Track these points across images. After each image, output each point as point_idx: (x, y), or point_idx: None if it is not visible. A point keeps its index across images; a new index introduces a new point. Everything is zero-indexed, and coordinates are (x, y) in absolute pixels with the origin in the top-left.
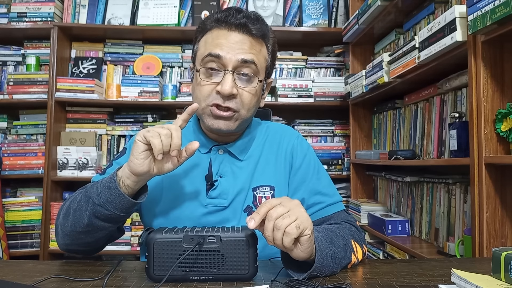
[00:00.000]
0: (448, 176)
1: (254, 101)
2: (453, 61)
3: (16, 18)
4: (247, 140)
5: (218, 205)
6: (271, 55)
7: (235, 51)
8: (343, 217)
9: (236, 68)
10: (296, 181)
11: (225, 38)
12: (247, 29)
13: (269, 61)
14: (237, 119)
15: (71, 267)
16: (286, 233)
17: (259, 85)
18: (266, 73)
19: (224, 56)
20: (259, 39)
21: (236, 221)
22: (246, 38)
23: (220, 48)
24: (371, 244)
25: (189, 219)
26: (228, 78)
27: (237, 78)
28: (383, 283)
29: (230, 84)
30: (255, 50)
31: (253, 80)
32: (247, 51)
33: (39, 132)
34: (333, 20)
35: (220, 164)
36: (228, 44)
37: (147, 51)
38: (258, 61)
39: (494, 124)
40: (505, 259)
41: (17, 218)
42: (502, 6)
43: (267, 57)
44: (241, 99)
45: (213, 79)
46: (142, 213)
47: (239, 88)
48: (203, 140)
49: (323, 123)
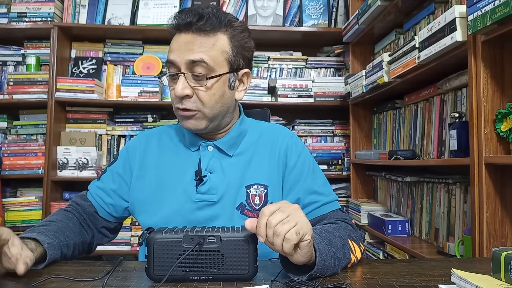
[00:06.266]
0: (448, 176)
1: (214, 98)
2: (453, 61)
3: (16, 18)
4: (235, 136)
5: (207, 200)
6: (238, 44)
7: (184, 52)
8: (338, 215)
9: (189, 69)
10: (291, 181)
11: (176, 42)
12: (194, 27)
13: (231, 52)
14: (202, 117)
15: (71, 267)
16: (286, 239)
17: (213, 81)
18: (231, 65)
19: (175, 59)
20: (210, 33)
21: (227, 217)
22: (194, 37)
23: (172, 53)
24: (371, 244)
25: (179, 215)
26: (180, 81)
27: (191, 78)
28: (383, 283)
29: (180, 86)
30: (205, 47)
31: (205, 78)
32: (195, 51)
33: (39, 132)
34: (333, 20)
35: (209, 160)
36: (178, 47)
37: (147, 51)
38: (210, 57)
39: (494, 124)
40: (505, 259)
41: (17, 218)
42: (502, 6)
43: (228, 49)
44: (198, 98)
45: (175, 83)
46: (135, 211)
47: (194, 87)
48: (192, 138)
49: (323, 123)
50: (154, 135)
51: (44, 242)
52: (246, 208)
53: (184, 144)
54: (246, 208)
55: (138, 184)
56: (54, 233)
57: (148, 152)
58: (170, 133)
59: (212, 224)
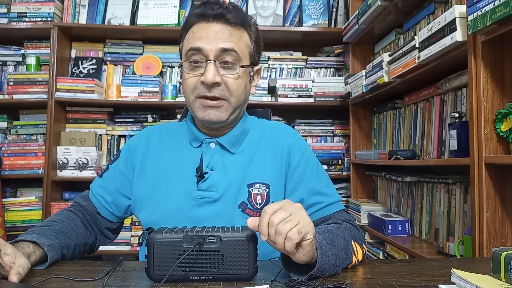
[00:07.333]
0: (448, 176)
1: (241, 87)
2: (453, 61)
3: (16, 18)
4: (239, 133)
5: (207, 197)
6: (255, 42)
7: (215, 41)
8: (342, 216)
9: (217, 57)
10: (294, 180)
11: (204, 31)
12: (224, 18)
13: (252, 48)
14: (227, 108)
15: (71, 267)
16: (288, 238)
17: (242, 70)
18: (251, 59)
19: (204, 47)
20: (238, 26)
21: (228, 216)
22: (224, 27)
23: (200, 41)
24: (371, 244)
25: (179, 212)
26: (210, 67)
27: (220, 66)
28: (383, 283)
29: (212, 72)
30: (235, 37)
31: (236, 66)
32: (226, 40)
33: (39, 132)
34: (333, 20)
35: (211, 157)
36: (207, 35)
37: (147, 51)
38: (238, 48)
39: (494, 124)
40: (505, 259)
41: (17, 218)
42: (502, 6)
43: (250, 44)
44: (227, 86)
45: (197, 71)
46: (135, 209)
47: (223, 76)
48: (195, 134)
49: (323, 123)
50: (155, 132)
51: (44, 245)
52: (247, 207)
53: (186, 141)
54: (248, 207)
55: (139, 181)
56: (55, 234)
57: (150, 149)
58: (171, 130)
59: (212, 222)
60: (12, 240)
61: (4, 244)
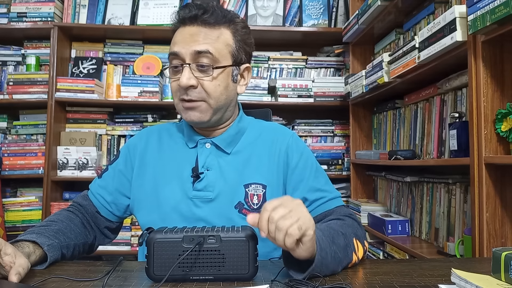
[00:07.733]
0: (448, 176)
1: (219, 88)
2: (453, 61)
3: (16, 18)
4: (234, 134)
5: (203, 197)
6: (240, 39)
7: (190, 44)
8: (344, 211)
9: (193, 60)
10: (294, 180)
11: (181, 34)
12: (200, 19)
13: (235, 46)
14: (207, 109)
15: (71, 267)
16: (288, 234)
17: (218, 71)
18: (234, 58)
19: (180, 51)
20: (215, 26)
21: (225, 216)
22: (199, 29)
23: (177, 45)
24: (371, 244)
25: (176, 212)
26: (185, 71)
27: (196, 69)
28: (383, 283)
29: (186, 76)
30: (210, 39)
31: (211, 68)
32: (201, 42)
33: (39, 132)
34: (333, 20)
35: (206, 158)
36: (183, 39)
37: (147, 51)
38: (214, 49)
39: (494, 124)
40: (505, 259)
41: (17, 218)
42: (502, 6)
43: (232, 43)
44: (204, 88)
45: (177, 75)
46: (134, 209)
47: (199, 78)
48: (190, 135)
49: (323, 123)
50: (154, 132)
51: (44, 244)
52: (244, 207)
53: (183, 142)
54: (244, 207)
55: (138, 181)
56: (55, 234)
57: (148, 150)
58: (170, 130)
59: (209, 222)
60: (11, 240)
61: (4, 244)
